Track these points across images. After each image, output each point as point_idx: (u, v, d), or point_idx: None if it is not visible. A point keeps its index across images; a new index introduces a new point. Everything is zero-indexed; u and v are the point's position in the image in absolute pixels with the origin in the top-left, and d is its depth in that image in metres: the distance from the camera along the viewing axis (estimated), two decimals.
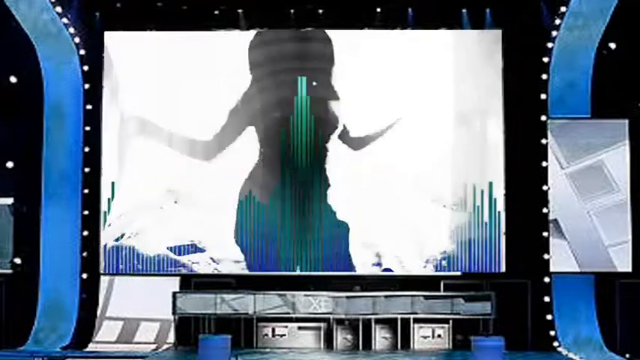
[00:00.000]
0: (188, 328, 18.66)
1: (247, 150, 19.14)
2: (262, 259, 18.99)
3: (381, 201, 18.88)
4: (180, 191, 19.18)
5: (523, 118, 18.85)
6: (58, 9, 18.84)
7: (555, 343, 18.34)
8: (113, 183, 19.24)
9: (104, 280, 19.24)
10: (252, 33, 19.21)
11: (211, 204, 19.06)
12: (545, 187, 18.59)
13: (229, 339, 15.84)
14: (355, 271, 18.91)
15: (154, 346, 18.59)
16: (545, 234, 18.53)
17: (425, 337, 18.50)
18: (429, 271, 18.90)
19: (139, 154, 19.29)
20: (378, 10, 19.04)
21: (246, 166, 19.14)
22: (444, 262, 18.89)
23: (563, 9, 18.49)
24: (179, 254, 19.09)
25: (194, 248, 19.10)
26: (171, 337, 18.75)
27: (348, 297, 18.42)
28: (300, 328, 18.59)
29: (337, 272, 18.90)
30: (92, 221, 19.20)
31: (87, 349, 18.32)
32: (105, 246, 19.17)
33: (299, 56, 19.14)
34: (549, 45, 18.77)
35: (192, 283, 19.20)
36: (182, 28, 19.18)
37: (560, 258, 18.41)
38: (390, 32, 19.15)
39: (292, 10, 19.11)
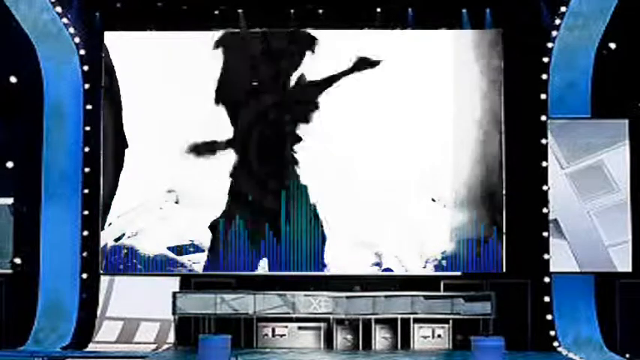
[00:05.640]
0: (188, 328, 18.67)
1: (246, 149, 19.16)
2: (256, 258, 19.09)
3: (381, 201, 18.88)
4: (180, 191, 19.19)
5: (523, 118, 18.85)
6: (58, 9, 18.85)
7: (555, 343, 18.34)
8: (113, 183, 19.25)
9: (104, 280, 19.24)
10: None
11: (211, 204, 19.08)
12: (545, 187, 18.59)
13: (229, 339, 15.83)
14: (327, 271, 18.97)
15: (154, 346, 18.59)
16: (545, 234, 18.52)
17: (425, 337, 18.50)
18: (429, 271, 18.90)
19: (139, 154, 19.30)
20: (378, 10, 19.05)
21: (245, 165, 19.15)
22: (444, 262, 18.89)
23: (563, 9, 18.49)
24: (179, 254, 19.09)
25: (194, 248, 19.11)
26: (171, 337, 18.76)
27: (348, 297, 18.42)
28: (300, 328, 18.60)
29: (337, 273, 18.98)
30: (92, 221, 19.21)
31: (87, 349, 18.32)
32: (105, 246, 19.19)
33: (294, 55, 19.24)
34: (549, 45, 18.77)
35: (192, 283, 19.21)
36: (182, 28, 19.19)
37: (560, 258, 18.40)
38: (390, 32, 19.16)
39: (292, 10, 19.11)
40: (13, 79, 18.95)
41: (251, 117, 19.22)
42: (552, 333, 18.44)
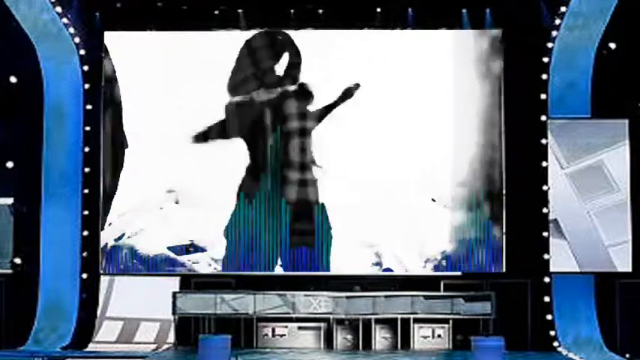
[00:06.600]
0: (188, 328, 18.67)
1: (246, 149, 19.16)
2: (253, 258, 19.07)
3: (381, 200, 18.88)
4: (180, 191, 19.19)
5: (523, 118, 18.85)
6: (58, 9, 18.85)
7: (555, 343, 18.34)
8: (113, 183, 19.25)
9: (104, 280, 19.24)
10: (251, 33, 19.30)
11: (211, 204, 19.07)
12: (545, 187, 18.59)
13: (229, 339, 15.84)
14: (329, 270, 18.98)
15: (153, 346, 18.59)
16: (545, 234, 18.52)
17: (425, 337, 18.50)
18: (429, 271, 18.91)
19: (139, 154, 19.30)
20: (378, 10, 19.05)
21: (245, 164, 19.15)
22: (443, 262, 18.89)
23: (563, 9, 18.49)
24: (179, 254, 19.09)
25: (194, 248, 19.11)
26: (171, 337, 18.76)
27: (348, 297, 18.42)
28: (300, 328, 18.60)
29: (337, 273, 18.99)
30: (92, 221, 19.21)
31: (87, 349, 18.32)
32: (105, 246, 19.18)
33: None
34: (549, 45, 18.77)
35: (192, 283, 19.21)
36: (182, 28, 19.19)
37: (560, 258, 18.41)
38: (390, 32, 19.16)
39: (292, 10, 19.11)
40: (13, 79, 18.95)
41: (252, 117, 19.23)
42: (552, 333, 18.44)
